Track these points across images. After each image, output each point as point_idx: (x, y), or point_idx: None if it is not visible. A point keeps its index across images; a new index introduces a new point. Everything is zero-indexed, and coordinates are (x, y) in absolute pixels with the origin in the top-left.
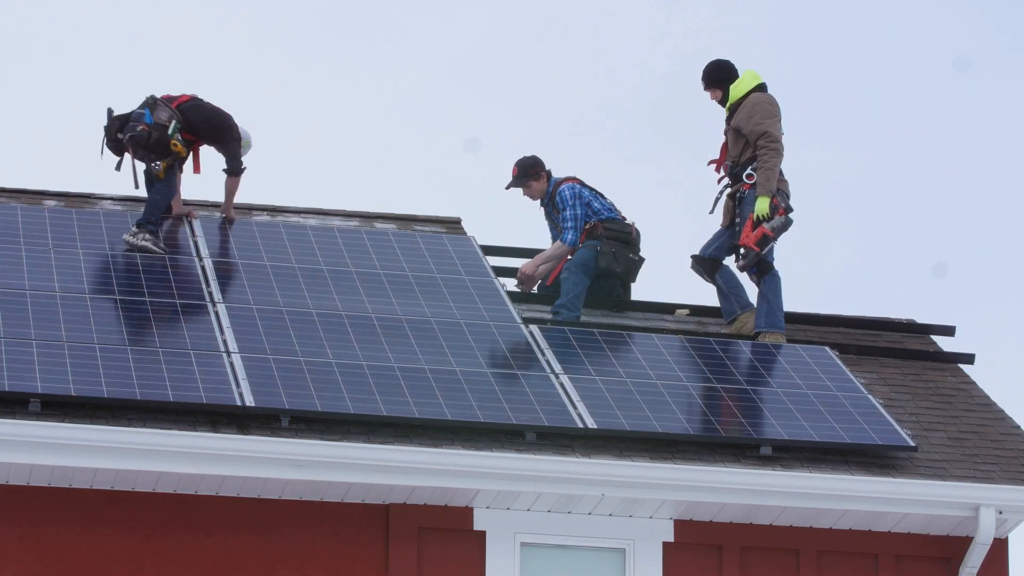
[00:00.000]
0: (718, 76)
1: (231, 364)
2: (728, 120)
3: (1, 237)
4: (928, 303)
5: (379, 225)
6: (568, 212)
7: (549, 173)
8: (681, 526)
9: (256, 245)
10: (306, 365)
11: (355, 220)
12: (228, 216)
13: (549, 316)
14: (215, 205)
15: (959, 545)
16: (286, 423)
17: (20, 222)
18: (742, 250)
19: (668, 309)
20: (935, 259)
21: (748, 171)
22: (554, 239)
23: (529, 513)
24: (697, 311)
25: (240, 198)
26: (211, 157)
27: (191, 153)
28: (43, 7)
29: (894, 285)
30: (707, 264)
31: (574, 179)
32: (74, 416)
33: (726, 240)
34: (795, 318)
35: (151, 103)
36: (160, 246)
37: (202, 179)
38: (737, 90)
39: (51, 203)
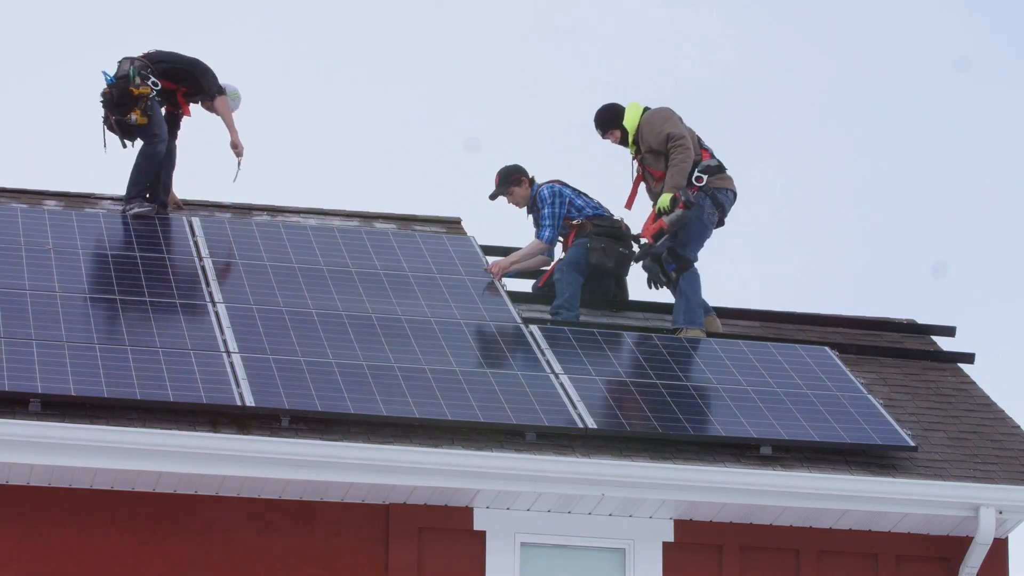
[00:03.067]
0: (610, 119)
1: (231, 364)
2: (637, 152)
3: (1, 237)
4: (928, 303)
5: (379, 225)
6: (546, 211)
7: (532, 180)
8: (681, 526)
9: (256, 245)
10: (306, 365)
11: (355, 220)
12: (235, 142)
13: (549, 316)
14: (215, 205)
15: (959, 545)
16: (286, 423)
17: (20, 222)
18: (642, 241)
19: (668, 309)
20: (935, 259)
21: (696, 173)
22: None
23: (529, 513)
24: None
25: (240, 198)
26: (203, 140)
27: (178, 100)
28: (43, 7)
29: (894, 285)
30: (661, 263)
31: (555, 181)
32: (74, 416)
33: (672, 238)
34: (795, 318)
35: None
36: (153, 206)
37: (200, 179)
38: (631, 122)
39: (51, 203)
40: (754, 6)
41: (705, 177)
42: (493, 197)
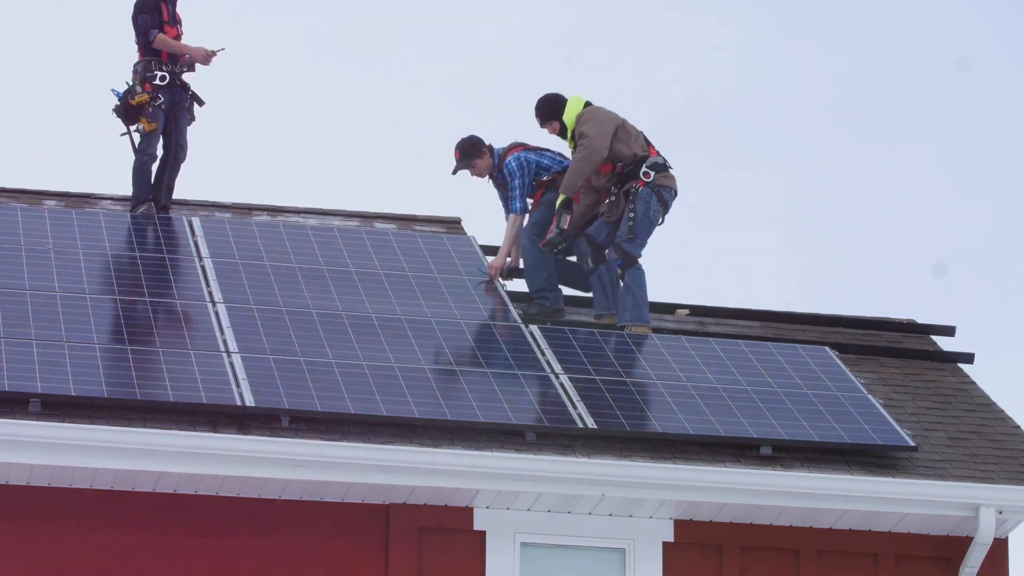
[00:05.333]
0: (551, 109)
1: (231, 364)
2: (575, 149)
3: (1, 237)
4: (928, 303)
5: (379, 225)
6: (516, 182)
7: (491, 148)
8: (681, 526)
9: (256, 245)
10: (306, 365)
11: (355, 220)
12: (201, 56)
13: (535, 305)
14: (215, 205)
15: (959, 545)
16: (286, 423)
17: (20, 222)
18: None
19: (668, 309)
20: (935, 259)
21: (644, 168)
22: (505, 210)
23: (529, 513)
24: (697, 311)
25: (240, 198)
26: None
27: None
28: (44, 6)
29: (894, 285)
30: (597, 249)
31: (519, 146)
32: (74, 416)
33: (613, 230)
34: (795, 318)
35: None
36: (156, 205)
37: (201, 179)
38: (570, 117)
39: (51, 203)
40: (754, 8)
41: (652, 173)
42: (455, 172)
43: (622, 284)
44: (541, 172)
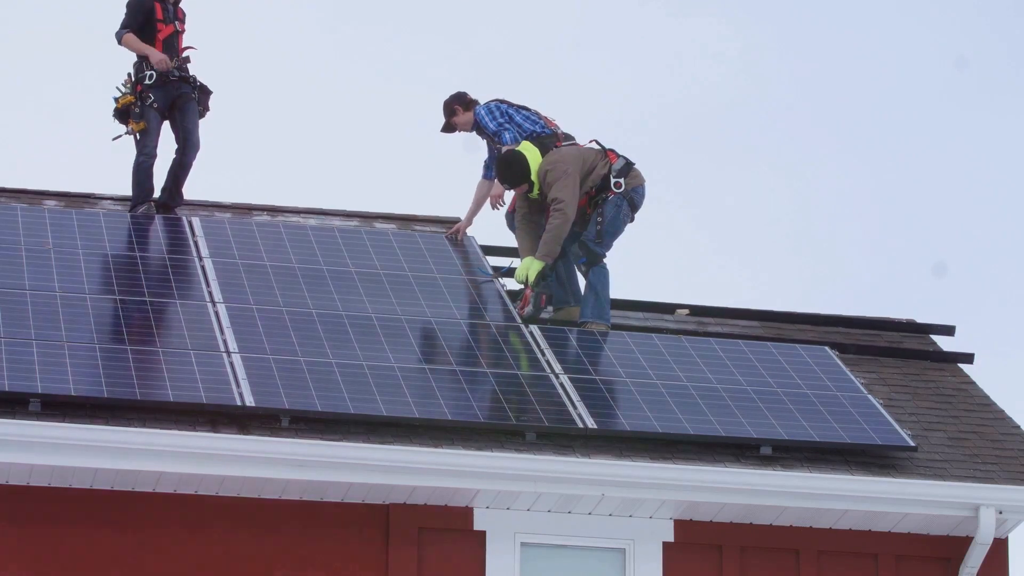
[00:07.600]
0: (518, 172)
1: (231, 364)
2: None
3: (1, 237)
4: (928, 303)
5: (379, 225)
6: (492, 125)
7: (474, 102)
8: (681, 526)
9: (256, 245)
10: (306, 365)
11: (355, 220)
12: (157, 59)
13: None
14: (215, 205)
15: (959, 545)
16: (286, 423)
17: (20, 222)
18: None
19: (668, 309)
20: (935, 259)
21: (614, 180)
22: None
23: (529, 513)
24: (697, 311)
25: (240, 198)
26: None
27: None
28: (44, 5)
29: (894, 285)
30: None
31: (496, 100)
32: (74, 416)
33: (580, 231)
34: (795, 318)
35: None
36: (151, 203)
37: (201, 179)
38: (534, 172)
39: (51, 203)
40: (755, 10)
41: (622, 181)
42: (444, 130)
43: (584, 281)
44: (505, 129)
